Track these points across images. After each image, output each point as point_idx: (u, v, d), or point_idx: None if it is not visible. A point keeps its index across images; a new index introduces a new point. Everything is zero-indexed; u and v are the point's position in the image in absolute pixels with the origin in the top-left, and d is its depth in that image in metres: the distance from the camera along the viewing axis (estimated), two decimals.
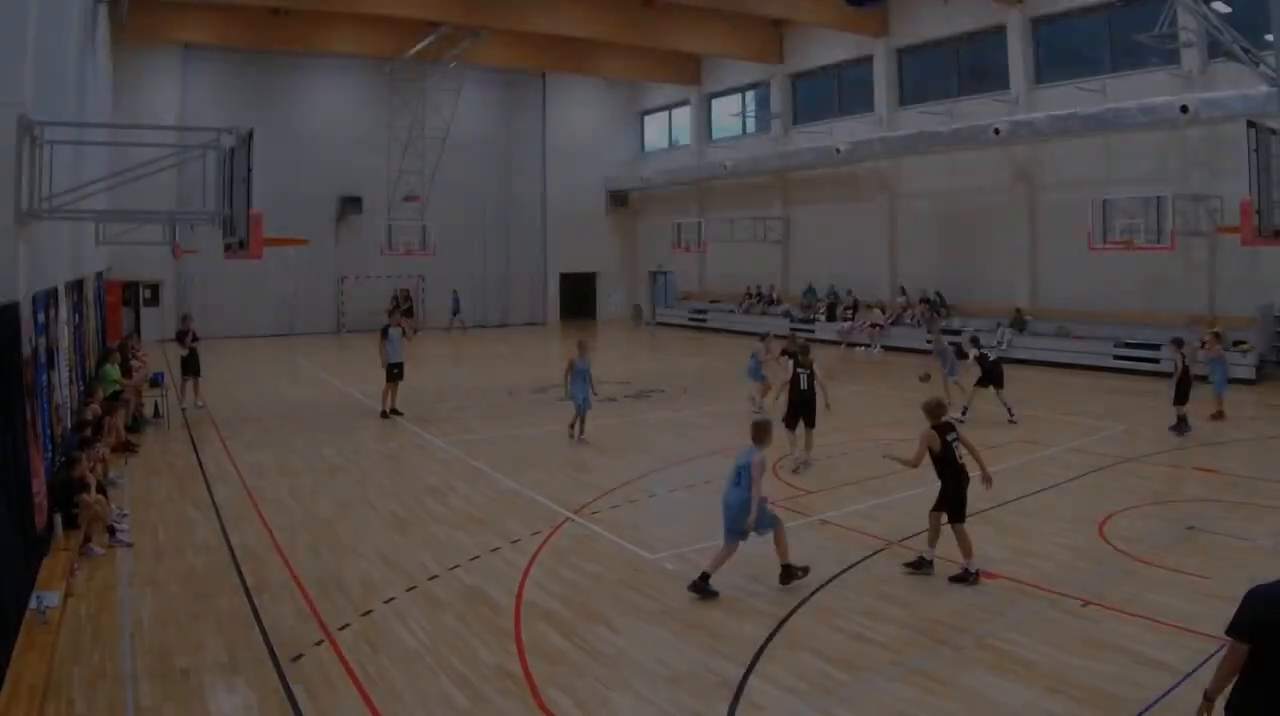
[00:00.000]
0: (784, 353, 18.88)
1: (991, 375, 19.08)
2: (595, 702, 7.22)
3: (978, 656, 7.96)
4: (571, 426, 17.48)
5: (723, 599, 9.31)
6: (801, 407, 15.08)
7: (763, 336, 21.18)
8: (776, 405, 15.85)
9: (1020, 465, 15.11)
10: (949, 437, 9.88)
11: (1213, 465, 14.34)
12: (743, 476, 9.40)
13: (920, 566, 9.96)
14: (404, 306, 39.77)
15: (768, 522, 9.64)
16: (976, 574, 9.65)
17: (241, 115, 23.62)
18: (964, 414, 19.34)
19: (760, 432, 9.73)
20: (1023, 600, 9.21)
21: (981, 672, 7.65)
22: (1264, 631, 4.50)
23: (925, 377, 18.48)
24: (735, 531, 9.48)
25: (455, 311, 41.63)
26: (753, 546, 9.58)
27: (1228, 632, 4.68)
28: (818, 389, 15.30)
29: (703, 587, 9.37)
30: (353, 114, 40.69)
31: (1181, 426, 17.35)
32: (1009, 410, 18.57)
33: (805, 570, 9.73)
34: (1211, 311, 24.49)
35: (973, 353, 19.61)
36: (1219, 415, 18.31)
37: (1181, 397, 17.29)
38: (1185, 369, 17.26)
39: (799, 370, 15.17)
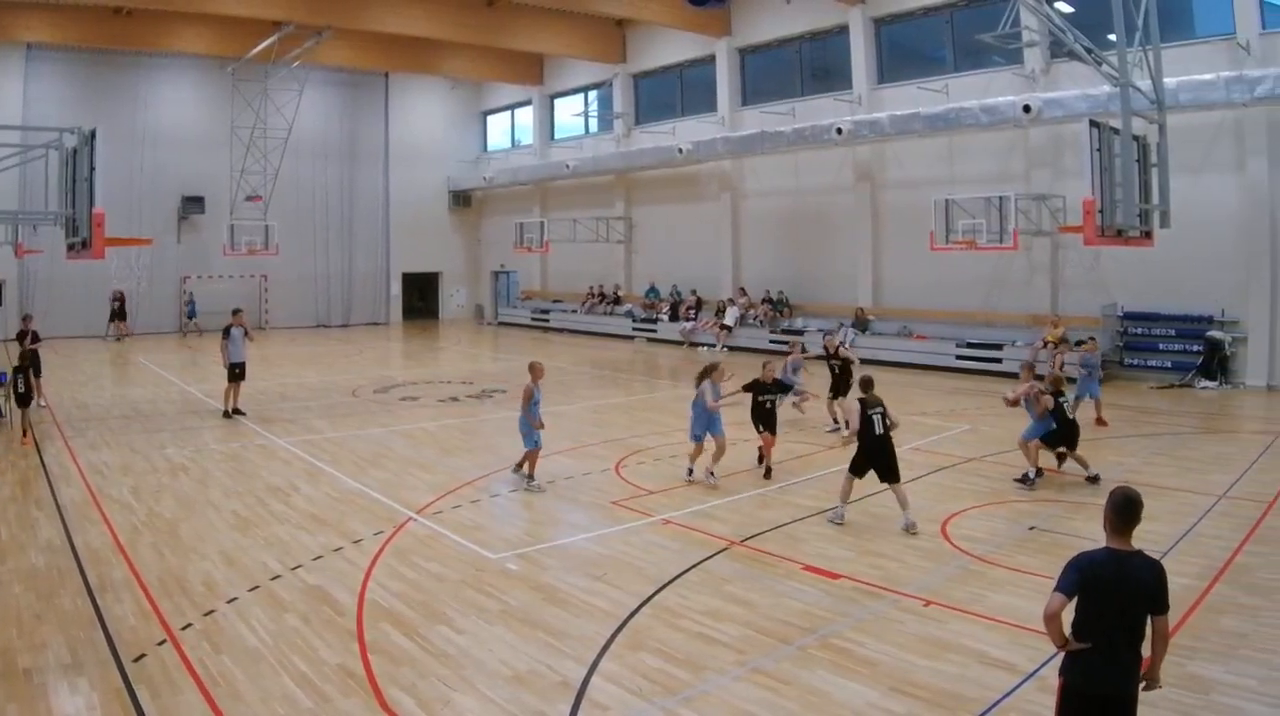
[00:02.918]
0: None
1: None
2: (438, 702, 7.13)
3: (821, 656, 7.83)
4: (520, 465, 14.34)
5: (564, 598, 9.26)
6: None
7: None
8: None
9: None
10: (1060, 399, 13.46)
11: (1055, 465, 14.38)
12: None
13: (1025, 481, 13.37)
14: (114, 307, 38.13)
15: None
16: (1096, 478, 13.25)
17: (84, 115, 23.21)
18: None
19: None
20: (866, 600, 9.10)
21: (824, 672, 7.52)
22: (1086, 590, 5.14)
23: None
24: None
25: (190, 314, 40.03)
26: (587, 546, 9.02)
27: (1059, 591, 5.17)
28: None
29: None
30: (195, 114, 39.79)
31: None
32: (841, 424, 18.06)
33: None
34: (1054, 311, 24.96)
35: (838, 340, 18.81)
36: (1099, 420, 18.12)
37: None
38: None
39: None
